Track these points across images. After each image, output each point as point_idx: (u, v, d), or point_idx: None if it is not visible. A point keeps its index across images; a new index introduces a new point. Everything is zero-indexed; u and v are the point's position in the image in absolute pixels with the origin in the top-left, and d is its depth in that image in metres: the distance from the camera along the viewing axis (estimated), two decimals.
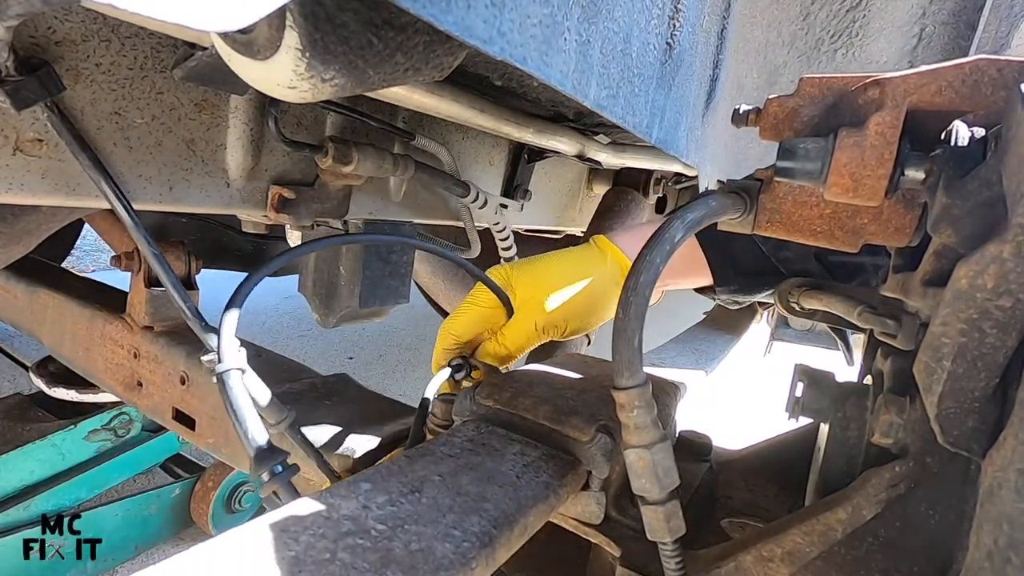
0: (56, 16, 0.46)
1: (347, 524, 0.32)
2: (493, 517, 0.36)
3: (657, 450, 0.41)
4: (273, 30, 0.30)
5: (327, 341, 3.02)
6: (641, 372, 0.40)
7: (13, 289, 1.16)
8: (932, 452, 0.40)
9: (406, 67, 0.35)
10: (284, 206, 0.68)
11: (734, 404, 2.70)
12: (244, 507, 1.53)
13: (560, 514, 0.50)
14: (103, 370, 0.99)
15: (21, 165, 0.48)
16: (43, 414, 1.43)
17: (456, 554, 0.32)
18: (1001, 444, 0.34)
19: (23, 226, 0.81)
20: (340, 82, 0.32)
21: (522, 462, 0.44)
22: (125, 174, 0.54)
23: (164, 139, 0.56)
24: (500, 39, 0.30)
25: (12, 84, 0.42)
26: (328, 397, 0.83)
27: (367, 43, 0.31)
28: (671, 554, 0.43)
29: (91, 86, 0.49)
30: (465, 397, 0.54)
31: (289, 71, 0.31)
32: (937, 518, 0.39)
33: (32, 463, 1.28)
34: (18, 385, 2.02)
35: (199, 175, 0.60)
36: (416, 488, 0.37)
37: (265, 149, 0.65)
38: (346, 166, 0.68)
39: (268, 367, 0.91)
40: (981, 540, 0.34)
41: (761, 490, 0.60)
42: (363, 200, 0.82)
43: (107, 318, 0.97)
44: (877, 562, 0.41)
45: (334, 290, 0.96)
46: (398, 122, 0.78)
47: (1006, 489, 0.33)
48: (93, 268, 4.00)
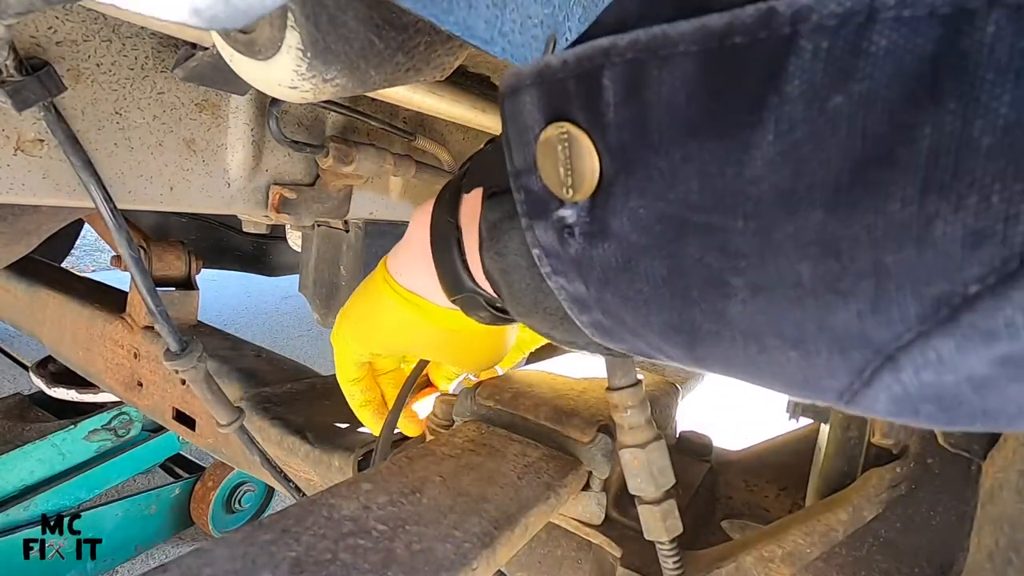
0: (57, 16, 0.46)
1: (348, 524, 0.32)
2: (494, 518, 0.36)
3: (652, 449, 0.41)
4: (274, 30, 0.30)
5: (327, 341, 3.02)
6: (634, 372, 0.40)
7: (13, 289, 1.16)
8: (933, 453, 0.40)
9: (407, 67, 0.35)
10: (285, 206, 0.68)
11: (734, 404, 2.71)
12: (244, 507, 1.53)
13: (561, 514, 0.50)
14: (103, 370, 0.99)
15: (22, 165, 0.48)
16: (43, 414, 1.43)
17: (457, 555, 0.32)
18: (1002, 445, 0.34)
19: (24, 226, 0.81)
20: (341, 82, 0.32)
21: (523, 463, 0.44)
22: (126, 174, 0.54)
23: (165, 139, 0.56)
24: (502, 39, 0.30)
25: (13, 84, 0.42)
26: (328, 397, 0.84)
27: (368, 43, 0.31)
28: (669, 553, 0.43)
29: (92, 86, 0.49)
30: (466, 397, 0.54)
31: (290, 71, 0.31)
32: (938, 519, 0.39)
33: (32, 463, 1.28)
34: (18, 385, 2.02)
35: (200, 175, 0.60)
36: (417, 488, 0.37)
37: (266, 149, 0.65)
38: (347, 166, 0.68)
39: (268, 367, 0.91)
40: (982, 541, 0.34)
41: (762, 490, 0.60)
42: (363, 200, 0.82)
43: (107, 318, 0.97)
44: (878, 563, 0.41)
45: (334, 290, 0.96)
46: (399, 122, 0.79)
47: (1007, 490, 0.33)
48: (93, 268, 4.00)
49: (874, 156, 0.14)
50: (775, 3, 0.14)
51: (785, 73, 0.14)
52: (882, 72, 0.13)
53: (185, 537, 1.53)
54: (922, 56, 0.12)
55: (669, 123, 0.17)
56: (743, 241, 0.16)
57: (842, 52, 0.13)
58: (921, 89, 0.13)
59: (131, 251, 0.51)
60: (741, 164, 0.15)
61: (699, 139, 0.16)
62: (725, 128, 0.15)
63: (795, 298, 0.16)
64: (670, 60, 0.16)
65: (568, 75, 0.19)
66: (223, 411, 0.57)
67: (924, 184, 0.13)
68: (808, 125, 0.14)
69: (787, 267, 0.16)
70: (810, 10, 0.13)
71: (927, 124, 0.13)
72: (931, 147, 0.13)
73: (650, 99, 0.17)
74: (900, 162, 0.13)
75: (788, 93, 0.14)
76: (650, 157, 0.18)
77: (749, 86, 0.15)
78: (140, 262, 0.52)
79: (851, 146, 0.14)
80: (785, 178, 0.15)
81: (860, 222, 0.14)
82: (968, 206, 0.13)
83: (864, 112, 0.13)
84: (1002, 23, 0.12)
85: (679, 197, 0.18)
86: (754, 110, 0.15)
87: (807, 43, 0.14)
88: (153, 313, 0.53)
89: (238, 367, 0.88)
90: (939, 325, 0.14)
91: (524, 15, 0.31)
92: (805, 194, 0.15)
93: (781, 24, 0.14)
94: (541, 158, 0.20)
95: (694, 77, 0.16)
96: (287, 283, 3.66)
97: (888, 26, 0.13)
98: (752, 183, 0.16)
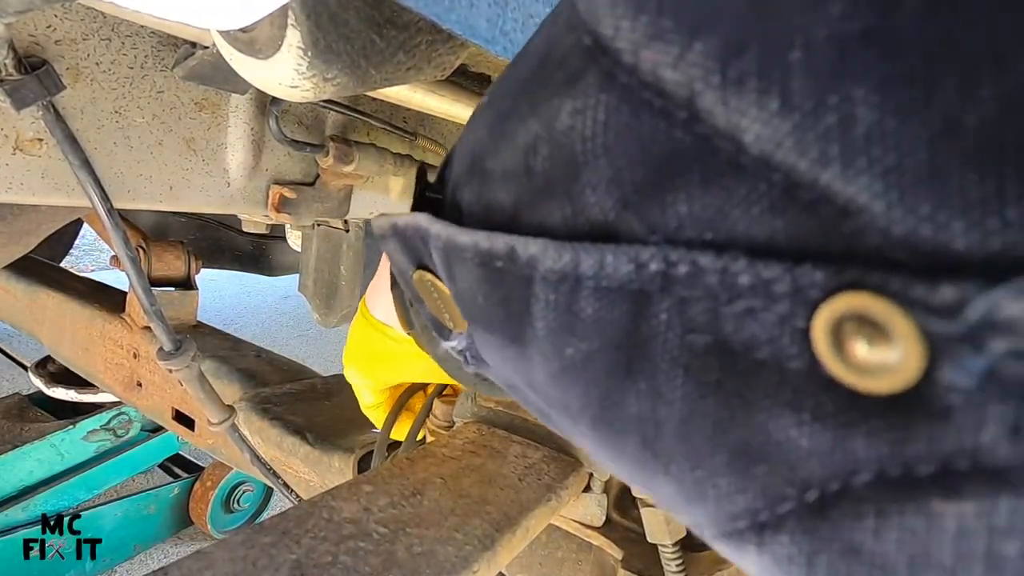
0: (56, 14, 0.46)
1: (349, 527, 0.32)
2: (495, 519, 0.36)
3: None
4: (275, 29, 0.29)
5: (327, 341, 3.02)
6: None
7: (13, 289, 1.16)
8: None
9: (408, 66, 0.34)
10: (285, 205, 0.68)
11: None
12: (243, 507, 1.52)
13: (561, 516, 0.50)
14: (103, 370, 0.99)
15: (21, 164, 0.47)
16: (42, 414, 1.43)
17: (458, 557, 0.32)
18: None
19: (23, 225, 0.80)
20: (342, 81, 0.32)
21: (524, 464, 0.44)
22: (125, 173, 0.53)
23: (164, 138, 0.56)
24: (503, 38, 0.30)
25: (12, 83, 0.42)
26: (328, 397, 0.83)
27: (369, 42, 0.31)
28: (672, 556, 0.43)
29: (91, 85, 0.49)
30: (466, 398, 0.53)
31: (291, 70, 0.31)
32: None
33: (31, 463, 1.28)
34: (17, 385, 2.02)
35: (199, 174, 0.60)
36: (418, 490, 0.37)
37: (266, 148, 0.65)
38: (347, 165, 0.68)
39: (268, 367, 0.91)
40: None
41: None
42: (364, 200, 0.82)
43: (106, 318, 0.97)
44: None
45: (334, 290, 0.96)
46: (399, 122, 0.78)
47: None
48: (93, 268, 4.00)
49: (607, 403, 0.14)
50: (516, 243, 0.14)
51: (532, 312, 0.15)
52: (594, 336, 0.13)
53: (184, 537, 1.52)
54: (618, 328, 0.13)
55: (475, 312, 0.18)
56: (560, 423, 0.18)
57: (565, 309, 0.14)
58: (621, 362, 0.13)
59: (127, 250, 0.51)
60: (530, 366, 0.16)
61: (496, 334, 0.17)
62: (509, 333, 0.16)
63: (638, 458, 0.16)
64: (462, 261, 0.17)
65: (414, 236, 0.20)
66: (215, 409, 0.58)
67: (643, 441, 0.13)
68: (558, 361, 0.15)
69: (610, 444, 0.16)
70: (536, 260, 0.14)
71: (631, 394, 0.13)
72: (638, 414, 0.13)
73: (459, 286, 0.18)
74: (622, 416, 0.14)
75: (538, 329, 0.15)
76: (474, 328, 0.19)
77: (514, 308, 0.15)
78: (136, 261, 0.52)
79: (588, 392, 0.14)
80: (558, 395, 0.16)
81: (622, 447, 0.14)
82: (672, 473, 0.13)
83: (590, 368, 0.14)
84: (672, 313, 0.12)
85: (501, 372, 0.19)
86: (522, 329, 0.15)
87: (540, 291, 0.14)
88: (148, 312, 0.53)
89: (238, 367, 0.88)
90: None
91: (526, 14, 0.31)
92: (577, 412, 0.15)
93: (520, 265, 0.14)
94: (421, 294, 0.22)
95: (479, 281, 0.16)
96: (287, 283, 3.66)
97: (591, 294, 0.13)
98: (539, 387, 0.17)
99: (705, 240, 0.11)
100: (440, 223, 0.18)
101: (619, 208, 0.13)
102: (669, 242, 0.12)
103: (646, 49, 0.12)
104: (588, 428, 0.15)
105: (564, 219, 0.14)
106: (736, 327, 0.11)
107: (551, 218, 0.14)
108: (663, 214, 0.12)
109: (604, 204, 0.13)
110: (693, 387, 0.12)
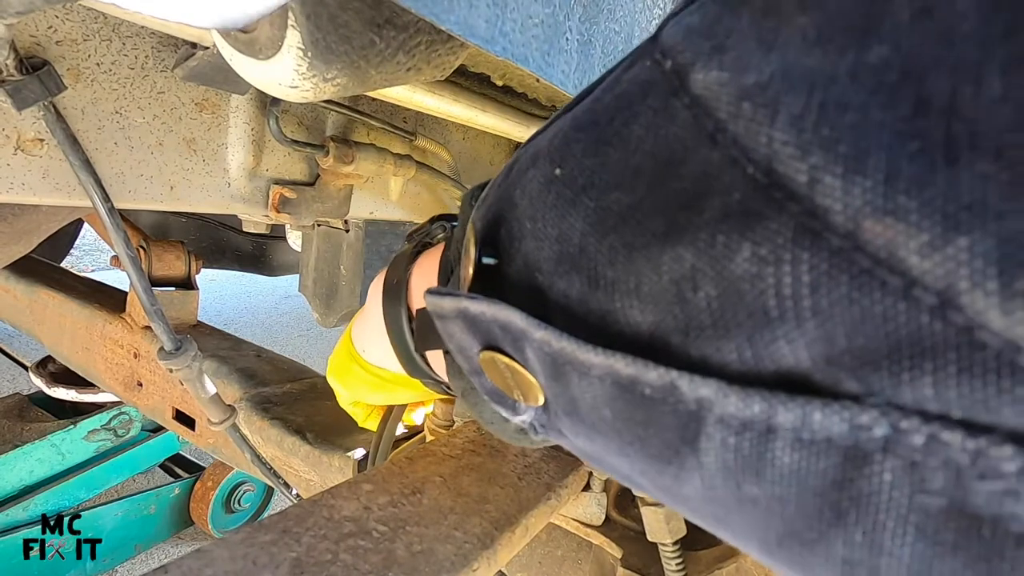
0: (57, 15, 0.46)
1: (349, 525, 0.32)
2: (494, 518, 0.36)
3: None
4: (275, 29, 0.30)
5: (327, 341, 3.02)
6: None
7: (13, 289, 1.16)
8: None
9: (408, 67, 0.35)
10: (285, 205, 0.68)
11: None
12: (244, 507, 1.53)
13: (561, 515, 0.50)
14: (103, 370, 0.99)
15: (22, 164, 0.47)
16: (43, 414, 1.43)
17: (458, 556, 0.32)
18: None
19: (23, 225, 0.81)
20: (342, 82, 0.32)
21: (523, 463, 0.44)
22: (126, 173, 0.53)
23: (165, 138, 0.56)
24: (502, 39, 0.30)
25: (13, 84, 0.42)
26: (328, 397, 0.83)
27: (369, 42, 0.31)
28: (672, 555, 0.43)
29: (92, 85, 0.49)
30: None
31: (291, 70, 0.31)
32: None
33: (32, 463, 1.28)
34: (18, 385, 2.02)
35: (200, 174, 0.60)
36: (417, 489, 0.37)
37: (266, 148, 0.65)
38: (347, 166, 0.68)
39: (268, 367, 0.91)
40: None
41: None
42: (363, 200, 0.82)
43: (107, 318, 0.97)
44: None
45: (335, 290, 0.96)
46: (399, 122, 0.78)
47: None
48: (93, 268, 4.00)
49: (797, 539, 0.14)
50: (678, 380, 0.14)
51: (699, 447, 0.14)
52: (790, 482, 0.13)
53: (184, 537, 1.52)
54: (823, 479, 0.13)
55: (595, 420, 0.17)
56: (693, 518, 0.17)
57: (750, 453, 0.13)
58: (828, 508, 0.13)
59: (128, 250, 0.51)
60: (677, 483, 0.16)
61: (616, 441, 0.17)
62: (650, 452, 0.16)
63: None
64: (587, 377, 0.16)
65: (491, 323, 0.19)
66: (215, 409, 0.58)
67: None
68: (726, 491, 0.14)
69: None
70: (711, 403, 0.14)
71: (837, 540, 0.13)
72: (846, 559, 0.13)
73: (575, 394, 0.17)
74: (818, 553, 0.13)
75: (705, 464, 0.14)
76: (579, 426, 0.18)
77: (668, 436, 0.15)
78: (137, 261, 0.52)
79: (768, 524, 0.14)
80: (712, 511, 0.16)
81: (811, 572, 0.14)
82: None
83: (776, 507, 0.14)
84: (898, 474, 0.12)
85: (593, 454, 0.19)
86: (677, 455, 0.15)
87: (714, 431, 0.14)
88: (148, 312, 0.53)
89: (238, 367, 0.88)
90: None
91: (525, 14, 0.31)
92: (741, 532, 0.15)
93: (685, 401, 0.14)
94: (487, 369, 0.21)
95: (610, 399, 0.16)
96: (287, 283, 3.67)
97: (789, 444, 0.13)
98: (688, 499, 0.16)
99: (952, 418, 0.11)
100: (547, 330, 0.16)
101: (823, 364, 0.12)
102: (896, 408, 0.11)
103: (874, 222, 0.11)
104: (755, 548, 0.15)
105: (742, 362, 0.13)
106: (989, 502, 0.11)
107: (721, 357, 0.14)
108: (895, 386, 0.11)
109: (800, 356, 0.12)
110: (926, 547, 0.12)
